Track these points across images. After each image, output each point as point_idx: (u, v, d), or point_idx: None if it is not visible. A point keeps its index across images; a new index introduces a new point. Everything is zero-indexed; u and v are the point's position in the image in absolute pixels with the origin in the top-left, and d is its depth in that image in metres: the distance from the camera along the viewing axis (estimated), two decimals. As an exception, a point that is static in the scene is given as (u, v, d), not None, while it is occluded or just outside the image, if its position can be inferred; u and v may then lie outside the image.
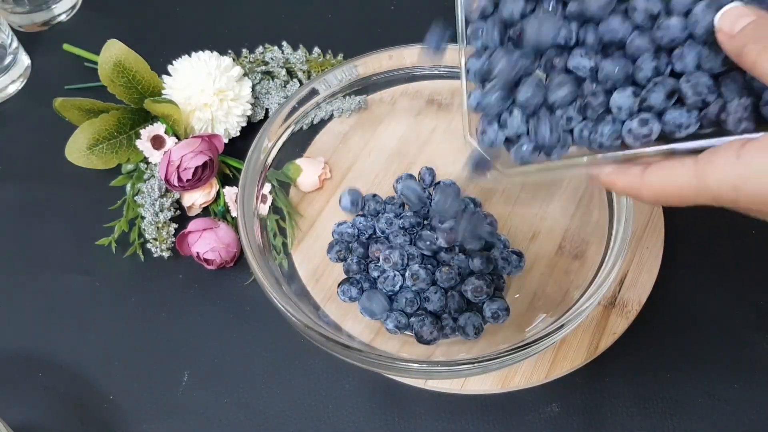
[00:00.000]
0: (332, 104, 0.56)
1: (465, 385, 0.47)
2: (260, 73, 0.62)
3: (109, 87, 0.56)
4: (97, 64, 0.55)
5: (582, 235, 0.50)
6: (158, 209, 0.54)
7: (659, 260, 0.51)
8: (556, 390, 0.48)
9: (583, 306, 0.41)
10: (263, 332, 0.52)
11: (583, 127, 0.32)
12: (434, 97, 0.57)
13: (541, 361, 0.48)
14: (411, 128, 0.58)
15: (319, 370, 0.50)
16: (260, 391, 0.50)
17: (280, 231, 0.52)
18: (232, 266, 0.55)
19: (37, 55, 0.69)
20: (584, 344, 0.48)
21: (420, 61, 0.52)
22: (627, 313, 0.49)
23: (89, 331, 0.53)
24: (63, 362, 0.52)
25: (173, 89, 0.57)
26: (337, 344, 0.41)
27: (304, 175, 0.55)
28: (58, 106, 0.55)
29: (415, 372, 0.41)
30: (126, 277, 0.55)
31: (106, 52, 0.55)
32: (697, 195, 0.28)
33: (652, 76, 0.31)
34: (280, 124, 0.51)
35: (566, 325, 0.40)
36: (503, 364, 0.40)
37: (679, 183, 0.29)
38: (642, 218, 0.53)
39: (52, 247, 0.57)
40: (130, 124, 0.57)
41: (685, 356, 0.49)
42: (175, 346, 0.52)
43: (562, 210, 0.53)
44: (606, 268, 0.42)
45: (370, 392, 0.49)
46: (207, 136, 0.55)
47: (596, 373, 0.48)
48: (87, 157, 0.56)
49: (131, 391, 0.50)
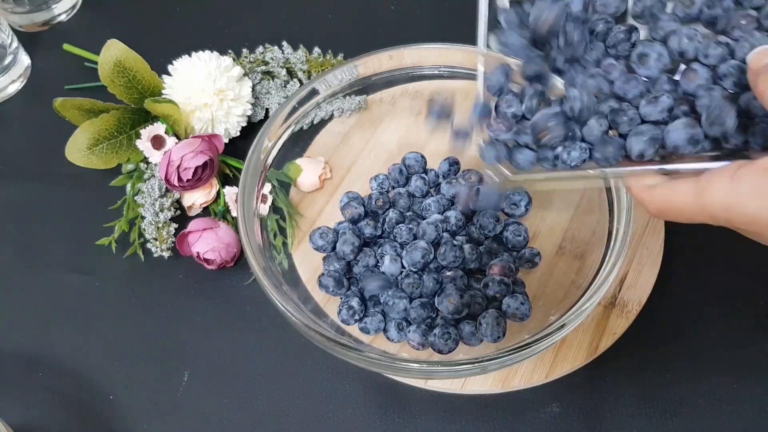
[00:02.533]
0: (332, 104, 0.56)
1: (465, 385, 0.47)
2: (260, 73, 0.62)
3: (109, 87, 0.56)
4: (97, 64, 0.55)
5: (582, 235, 0.50)
6: (158, 209, 0.54)
7: (659, 260, 0.51)
8: (557, 390, 0.48)
9: (583, 306, 0.41)
10: (263, 332, 0.52)
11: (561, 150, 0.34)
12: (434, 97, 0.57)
13: (541, 361, 0.48)
14: (411, 128, 0.58)
15: (319, 370, 0.50)
16: (260, 391, 0.50)
17: (281, 231, 0.52)
18: (232, 266, 0.55)
19: (37, 55, 0.69)
20: (584, 344, 0.48)
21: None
22: (627, 313, 0.49)
23: (89, 331, 0.53)
24: (63, 362, 0.52)
25: (173, 89, 0.57)
26: (337, 344, 0.41)
27: (304, 175, 0.55)
28: (58, 106, 0.55)
29: (415, 372, 0.41)
30: (126, 277, 0.55)
31: (106, 52, 0.55)
32: (696, 213, 0.30)
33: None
34: (281, 124, 0.51)
35: (566, 325, 0.40)
36: (503, 365, 0.40)
37: (680, 201, 0.30)
38: (642, 218, 0.53)
39: (52, 247, 0.57)
40: (130, 124, 0.57)
41: (685, 356, 0.49)
42: (175, 346, 0.52)
43: (562, 211, 0.53)
44: (606, 269, 0.42)
45: (370, 392, 0.49)
46: (207, 136, 0.55)
47: (596, 373, 0.48)
48: (87, 157, 0.56)
49: (131, 391, 0.50)
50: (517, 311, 0.46)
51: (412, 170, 0.55)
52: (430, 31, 0.68)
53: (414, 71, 0.53)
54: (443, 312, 0.47)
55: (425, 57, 0.52)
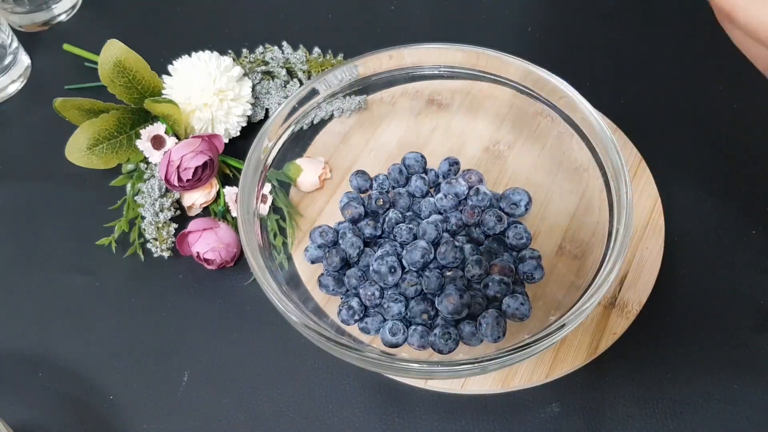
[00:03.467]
0: (332, 104, 0.56)
1: (465, 385, 0.47)
2: (260, 73, 0.62)
3: (109, 87, 0.56)
4: (97, 64, 0.55)
5: (582, 235, 0.50)
6: (158, 209, 0.54)
7: (659, 260, 0.51)
8: (557, 390, 0.48)
9: (583, 306, 0.41)
10: (263, 332, 0.52)
11: None
12: (434, 97, 0.57)
13: (541, 362, 0.48)
14: (411, 128, 0.58)
15: (319, 370, 0.50)
16: (260, 392, 0.50)
17: (281, 231, 0.52)
18: (232, 266, 0.55)
19: (37, 55, 0.69)
20: (584, 344, 0.48)
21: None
22: (627, 313, 0.49)
23: (89, 331, 0.53)
24: (63, 362, 0.52)
25: (173, 89, 0.57)
26: (337, 344, 0.41)
27: (304, 175, 0.55)
28: (58, 106, 0.55)
29: (415, 372, 0.41)
30: (126, 277, 0.55)
31: (106, 52, 0.55)
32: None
33: None
34: (280, 124, 0.51)
35: (566, 325, 0.40)
36: (503, 365, 0.40)
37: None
38: (642, 217, 0.53)
39: (52, 247, 0.57)
40: (130, 124, 0.57)
41: (685, 356, 0.49)
42: (175, 346, 0.52)
43: (562, 210, 0.53)
44: (606, 269, 0.42)
45: (370, 392, 0.49)
46: (207, 136, 0.55)
47: (596, 373, 0.48)
48: (87, 157, 0.56)
49: (131, 391, 0.50)
50: (517, 311, 0.46)
51: (412, 170, 0.55)
52: (431, 31, 0.68)
53: (414, 71, 0.53)
54: (443, 312, 0.47)
55: (425, 57, 0.52)
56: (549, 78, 0.48)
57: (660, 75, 0.63)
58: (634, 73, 0.64)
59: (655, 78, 0.63)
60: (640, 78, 0.63)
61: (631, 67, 0.64)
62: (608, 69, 0.64)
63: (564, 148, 0.52)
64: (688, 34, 0.66)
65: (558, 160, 0.53)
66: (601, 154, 0.47)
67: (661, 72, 0.64)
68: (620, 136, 0.57)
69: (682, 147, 0.58)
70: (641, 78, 0.63)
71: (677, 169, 0.57)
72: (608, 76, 0.64)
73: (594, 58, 0.65)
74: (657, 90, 0.62)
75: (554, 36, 0.67)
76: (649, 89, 0.62)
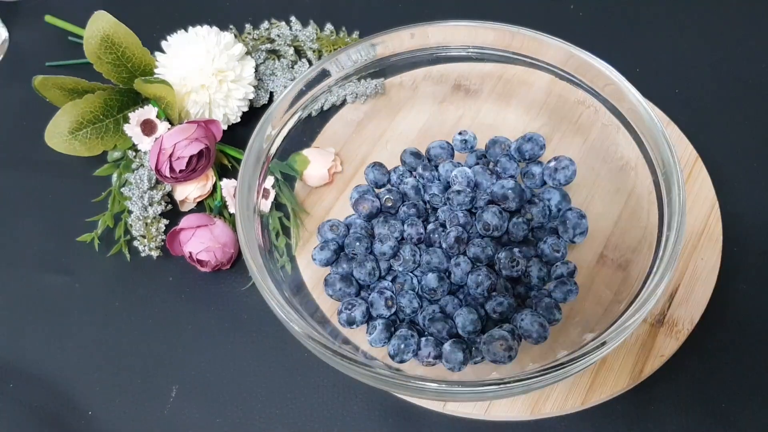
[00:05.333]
0: (345, 88, 0.56)
1: (489, 410, 0.47)
2: (265, 52, 0.62)
3: (96, 64, 0.56)
4: (83, 39, 0.56)
5: (627, 242, 0.50)
6: (147, 203, 0.54)
7: (716, 273, 0.51)
8: (594, 419, 0.48)
9: (626, 323, 0.41)
10: (262, 344, 0.52)
11: None
12: (461, 82, 0.57)
13: (576, 385, 0.48)
14: (434, 117, 0.58)
15: (324, 388, 0.50)
16: (257, 411, 0.50)
17: (284, 230, 0.53)
18: (228, 269, 0.55)
19: (16, 27, 0.70)
20: (627, 367, 0.48)
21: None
22: (677, 333, 0.49)
23: (67, 338, 0.54)
24: (36, 372, 0.52)
25: (167, 68, 0.58)
26: (344, 358, 0.41)
27: (311, 168, 0.55)
28: (37, 84, 0.56)
29: (432, 392, 0.41)
30: (109, 278, 0.56)
31: (92, 25, 0.55)
32: None
33: None
34: (286, 110, 0.51)
35: (607, 344, 0.40)
36: (531, 387, 0.40)
37: None
38: (697, 224, 0.53)
39: (27, 244, 0.58)
40: (117, 107, 0.58)
41: (742, 384, 0.49)
42: (162, 358, 0.52)
43: (604, 213, 0.53)
44: (654, 281, 0.42)
45: (381, 415, 0.49)
46: (203, 121, 0.56)
47: (640, 400, 0.48)
48: (69, 142, 0.56)
49: (112, 407, 0.51)
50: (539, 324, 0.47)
51: (440, 160, 0.55)
52: (458, 7, 0.68)
53: (439, 52, 0.54)
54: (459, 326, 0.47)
55: (452, 36, 0.53)
56: (593, 62, 0.48)
57: (724, 62, 0.63)
58: (694, 60, 0.63)
59: (719, 66, 0.63)
60: (700, 64, 0.63)
61: (690, 52, 0.64)
62: (662, 53, 0.64)
63: (608, 142, 0.52)
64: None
65: (601, 156, 0.53)
66: (651, 150, 0.47)
67: (726, 59, 0.63)
68: (673, 130, 0.56)
69: (744, 145, 0.58)
70: (702, 65, 0.63)
71: (738, 170, 0.57)
72: (662, 62, 0.63)
73: (646, 41, 0.65)
74: (719, 80, 0.62)
75: (599, 14, 0.67)
76: (710, 78, 0.62)
